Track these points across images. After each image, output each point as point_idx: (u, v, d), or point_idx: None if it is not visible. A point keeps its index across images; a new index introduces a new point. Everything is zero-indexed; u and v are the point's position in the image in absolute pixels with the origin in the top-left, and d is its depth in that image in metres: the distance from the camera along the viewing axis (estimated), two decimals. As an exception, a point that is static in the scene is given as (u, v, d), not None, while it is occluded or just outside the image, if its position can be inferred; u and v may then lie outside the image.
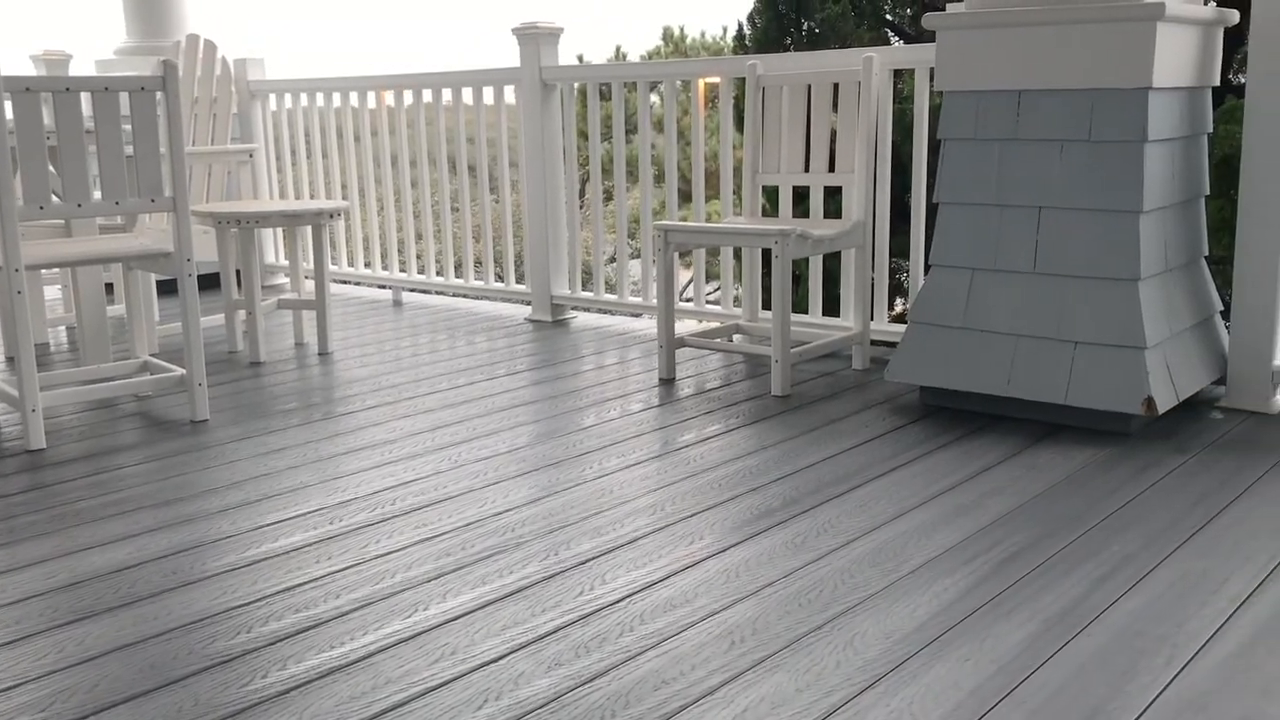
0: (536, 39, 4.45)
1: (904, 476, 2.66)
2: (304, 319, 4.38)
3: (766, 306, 4.08)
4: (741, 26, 5.81)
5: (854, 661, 1.80)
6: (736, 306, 4.21)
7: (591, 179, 4.70)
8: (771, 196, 4.26)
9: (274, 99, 5.55)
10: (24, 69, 4.99)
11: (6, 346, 3.97)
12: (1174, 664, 1.78)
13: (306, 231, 4.95)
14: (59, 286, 4.91)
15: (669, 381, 3.63)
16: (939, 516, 2.41)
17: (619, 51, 16.48)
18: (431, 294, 5.28)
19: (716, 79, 4.16)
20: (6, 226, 2.89)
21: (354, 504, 2.56)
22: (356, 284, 5.50)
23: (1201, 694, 1.69)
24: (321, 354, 4.12)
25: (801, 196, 3.98)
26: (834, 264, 4.39)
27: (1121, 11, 2.81)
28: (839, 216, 3.82)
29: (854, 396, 3.40)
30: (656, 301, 3.69)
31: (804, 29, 5.49)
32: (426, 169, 5.01)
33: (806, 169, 3.78)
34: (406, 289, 5.28)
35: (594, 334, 4.41)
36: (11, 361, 3.47)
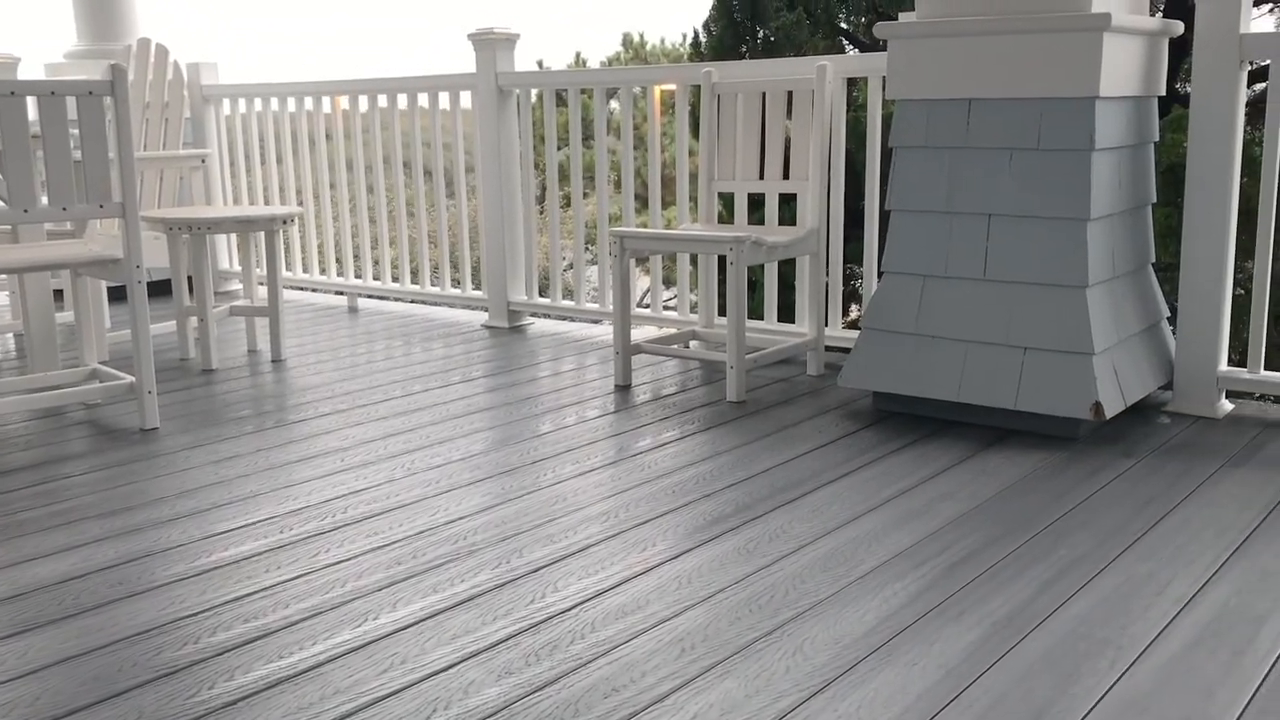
0: (493, 45, 4.45)
1: (856, 482, 2.68)
2: (257, 326, 4.35)
3: (723, 313, 4.10)
4: (697, 34, 5.83)
5: (803, 667, 1.81)
6: (693, 313, 4.22)
7: (549, 185, 4.69)
8: (729, 203, 4.27)
9: (227, 104, 5.50)
10: (-29, 72, 4.91)
11: (-48, 354, 3.90)
12: (1118, 666, 1.80)
13: (260, 237, 4.91)
14: (6, 293, 4.84)
15: (625, 388, 3.63)
16: (890, 521, 2.43)
17: (579, 58, 16.50)
18: (387, 300, 5.25)
19: (673, 86, 4.17)
20: (-50, 232, 2.84)
21: (305, 512, 2.54)
22: (314, 290, 5.46)
23: (1144, 695, 1.72)
24: (275, 361, 4.09)
25: (758, 203, 4.00)
26: (789, 270, 4.42)
27: (1068, 22, 2.85)
28: (794, 223, 3.84)
29: (808, 402, 3.42)
30: (612, 308, 3.70)
31: (759, 37, 5.52)
32: (382, 175, 4.99)
33: (761, 176, 3.80)
34: (362, 295, 5.25)
35: (551, 340, 4.41)
36: (-44, 369, 3.41)
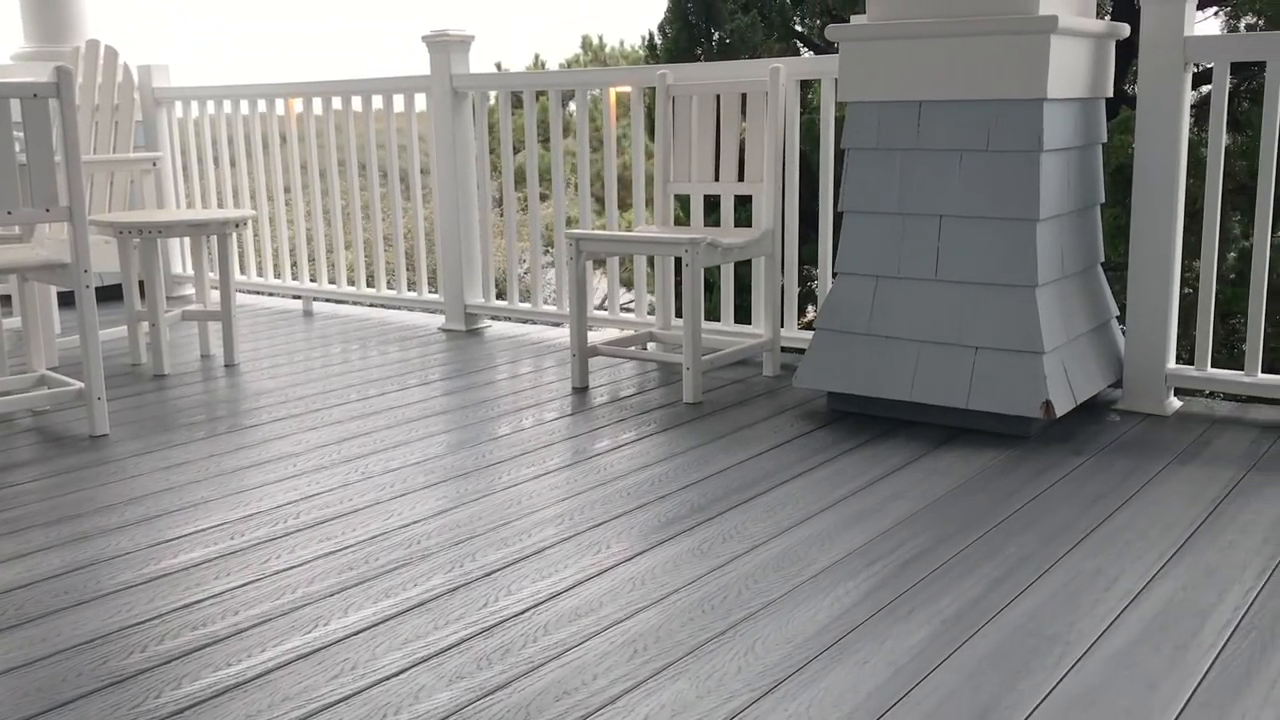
0: (447, 47, 4.43)
1: (809, 482, 2.70)
2: (210, 330, 4.30)
3: (680, 314, 4.10)
4: (653, 36, 5.84)
5: (755, 667, 1.82)
6: (651, 315, 4.22)
7: (505, 188, 4.68)
8: (686, 205, 4.28)
9: (180, 106, 5.44)
10: (-85, 74, 4.83)
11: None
12: (1065, 662, 1.82)
13: (213, 241, 4.86)
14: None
15: (582, 390, 3.63)
16: (842, 521, 2.44)
17: (538, 60, 16.46)
18: (343, 304, 5.22)
19: (628, 88, 4.18)
20: (-109, 237, 2.79)
21: (256, 518, 2.52)
22: (271, 294, 5.41)
23: (1090, 690, 1.74)
24: (228, 366, 4.05)
25: (715, 205, 4.01)
26: (746, 272, 4.43)
27: (1016, 24, 2.88)
28: (750, 225, 3.85)
29: (764, 403, 3.43)
30: (569, 310, 3.69)
31: (714, 39, 5.54)
32: (336, 178, 4.95)
33: (717, 178, 3.81)
34: (318, 299, 5.21)
35: (508, 343, 4.40)
36: (-100, 377, 3.35)
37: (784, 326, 3.90)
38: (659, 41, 5.75)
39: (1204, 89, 5.07)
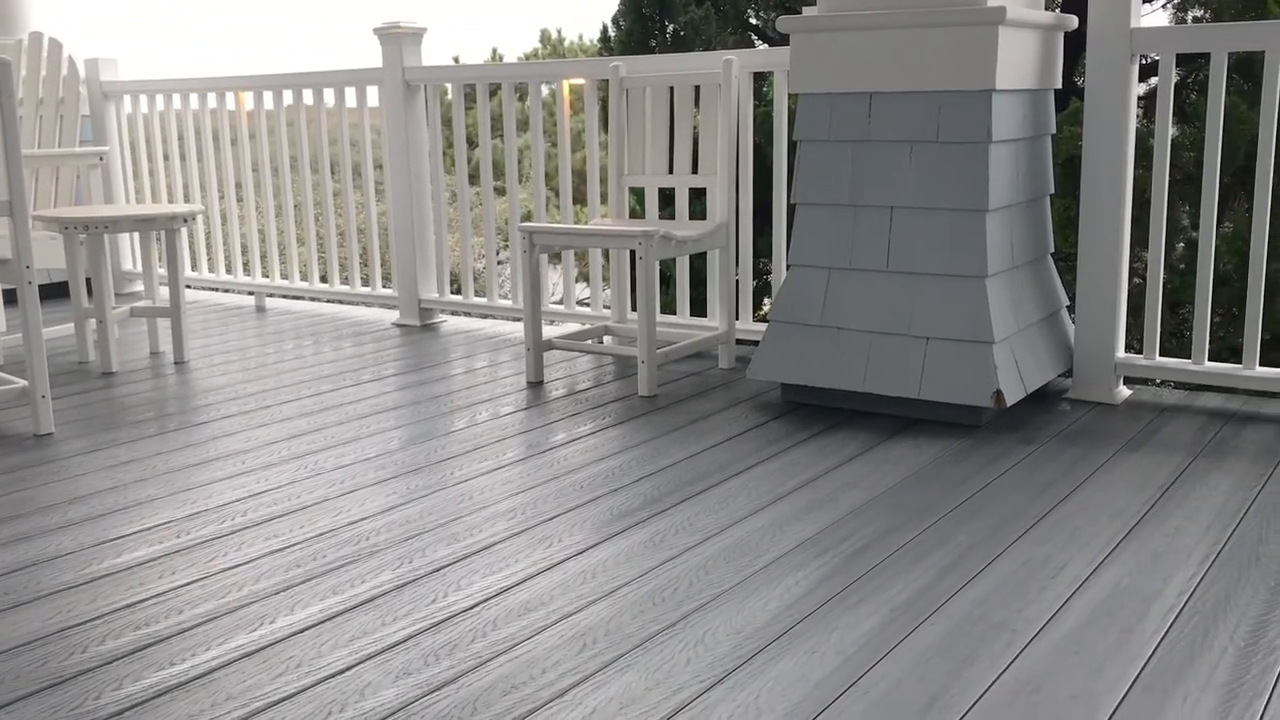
0: (399, 39, 4.39)
1: (762, 473, 2.70)
2: (160, 327, 4.24)
3: (636, 308, 4.09)
4: (606, 28, 5.81)
5: (704, 658, 1.81)
6: (607, 308, 4.21)
7: (459, 182, 4.65)
8: (642, 198, 4.27)
9: (128, 100, 5.36)
10: None
11: None
12: (1012, 648, 1.83)
13: (164, 237, 4.79)
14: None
15: (537, 384, 3.61)
16: (794, 511, 2.44)
17: (495, 54, 16.39)
18: (296, 300, 5.16)
19: (581, 80, 4.16)
20: None
21: (203, 516, 2.48)
22: (227, 291, 5.35)
23: (1036, 675, 1.75)
24: (178, 363, 4.00)
25: (670, 198, 4.00)
26: (701, 264, 4.43)
27: (965, 16, 2.89)
28: (705, 218, 3.85)
29: (719, 395, 3.43)
30: (523, 304, 3.67)
31: (668, 31, 5.52)
32: (288, 172, 4.90)
33: (671, 171, 3.80)
34: (271, 295, 5.15)
35: (463, 338, 4.37)
36: None
37: (739, 319, 3.90)
38: (613, 34, 5.73)
39: (1153, 80, 5.13)
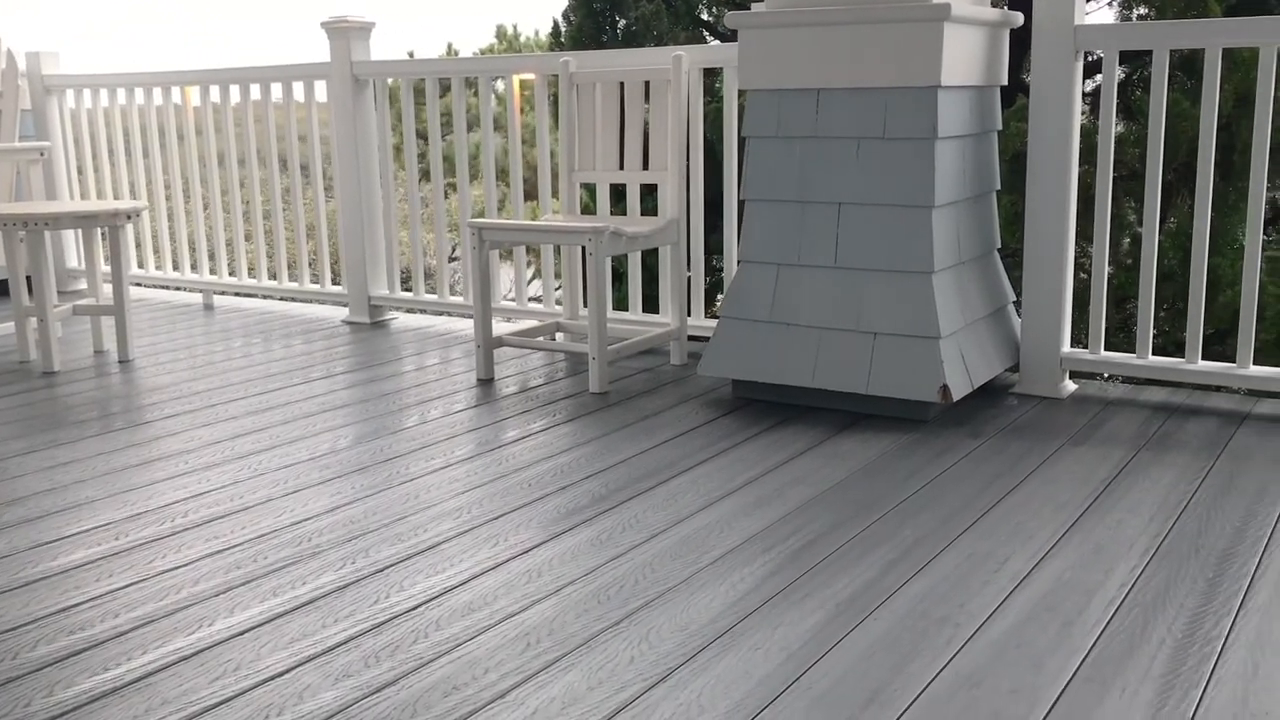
0: (347, 33, 4.35)
1: (711, 469, 2.69)
2: (104, 326, 4.17)
3: (588, 304, 4.08)
4: (557, 24, 5.79)
5: (648, 656, 1.81)
6: (559, 305, 4.19)
7: (409, 177, 4.61)
8: (595, 194, 4.25)
9: (72, 95, 5.27)
10: None
11: None
12: (954, 643, 1.84)
13: (109, 233, 4.71)
14: None
15: (487, 382, 3.59)
16: (742, 507, 2.44)
17: (450, 49, 16.29)
18: (245, 297, 5.10)
19: (531, 75, 4.14)
20: None
21: (143, 518, 2.44)
22: (174, 288, 5.27)
23: (977, 670, 1.75)
24: (122, 362, 3.93)
25: (623, 194, 3.99)
26: (654, 261, 4.42)
27: (910, 12, 2.90)
28: (657, 214, 3.84)
29: (670, 391, 3.43)
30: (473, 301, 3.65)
31: (619, 27, 5.51)
32: (236, 168, 4.84)
33: (622, 166, 3.79)
34: (218, 292, 5.09)
35: (414, 335, 4.33)
36: None
37: (691, 315, 3.90)
38: (564, 29, 5.70)
39: (1099, 77, 5.18)
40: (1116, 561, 2.14)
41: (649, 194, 4.34)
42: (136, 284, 5.30)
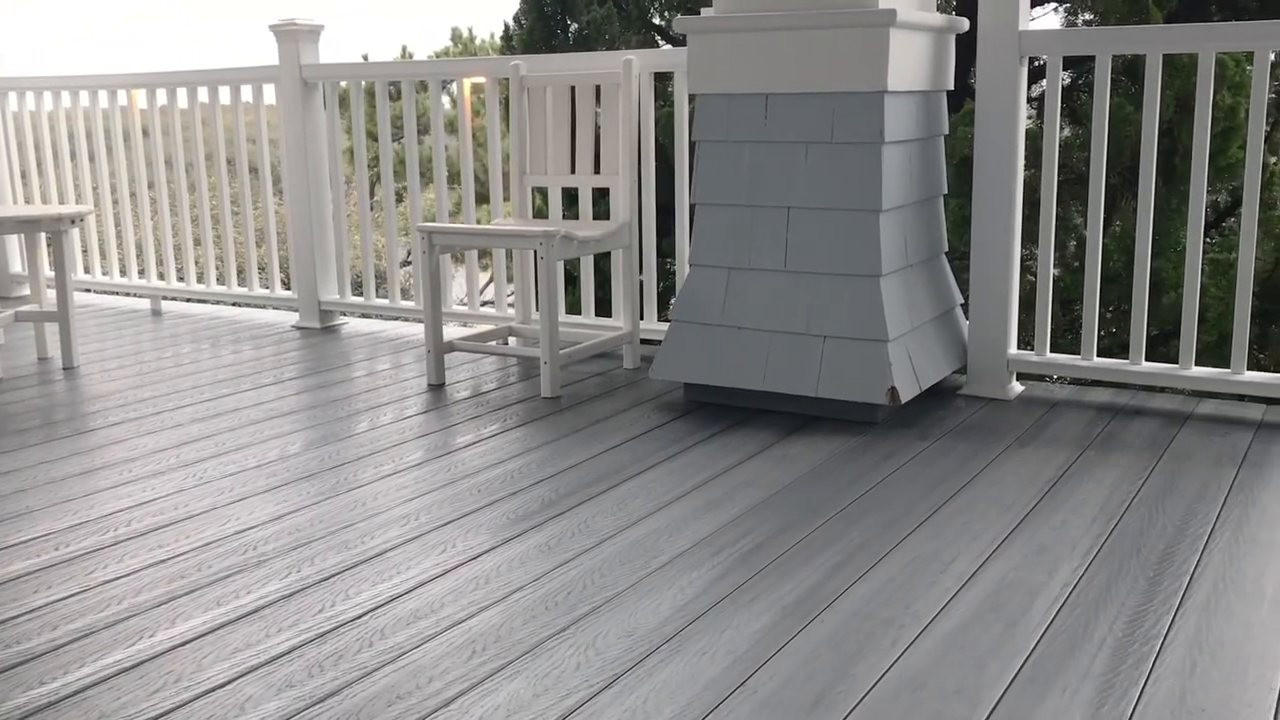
0: (296, 36, 4.31)
1: (661, 473, 2.69)
2: (48, 332, 4.11)
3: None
4: (508, 27, 5.78)
5: (594, 662, 1.80)
6: (512, 309, 4.18)
7: (359, 181, 4.58)
8: (547, 197, 4.25)
9: (14, 98, 5.18)
10: None
11: None
12: (899, 645, 1.85)
13: (51, 238, 4.64)
14: None
15: (438, 387, 3.57)
16: (691, 511, 2.44)
17: (405, 51, 16.20)
18: (194, 302, 5.04)
19: (482, 79, 4.12)
20: None
21: (84, 527, 2.41)
22: (122, 294, 5.20)
23: (921, 671, 1.77)
24: (66, 369, 3.87)
25: (576, 198, 3.99)
26: (607, 264, 4.42)
27: (856, 18, 2.92)
28: (610, 218, 3.84)
29: (623, 395, 3.43)
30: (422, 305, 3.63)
31: (570, 30, 5.51)
32: (183, 172, 4.78)
33: (573, 170, 3.79)
34: (166, 298, 5.02)
35: (365, 340, 4.30)
36: None
37: (644, 319, 3.90)
38: (515, 32, 5.69)
39: (1045, 82, 5.24)
40: (1060, 561, 2.17)
41: (601, 198, 4.34)
42: (84, 289, 5.22)
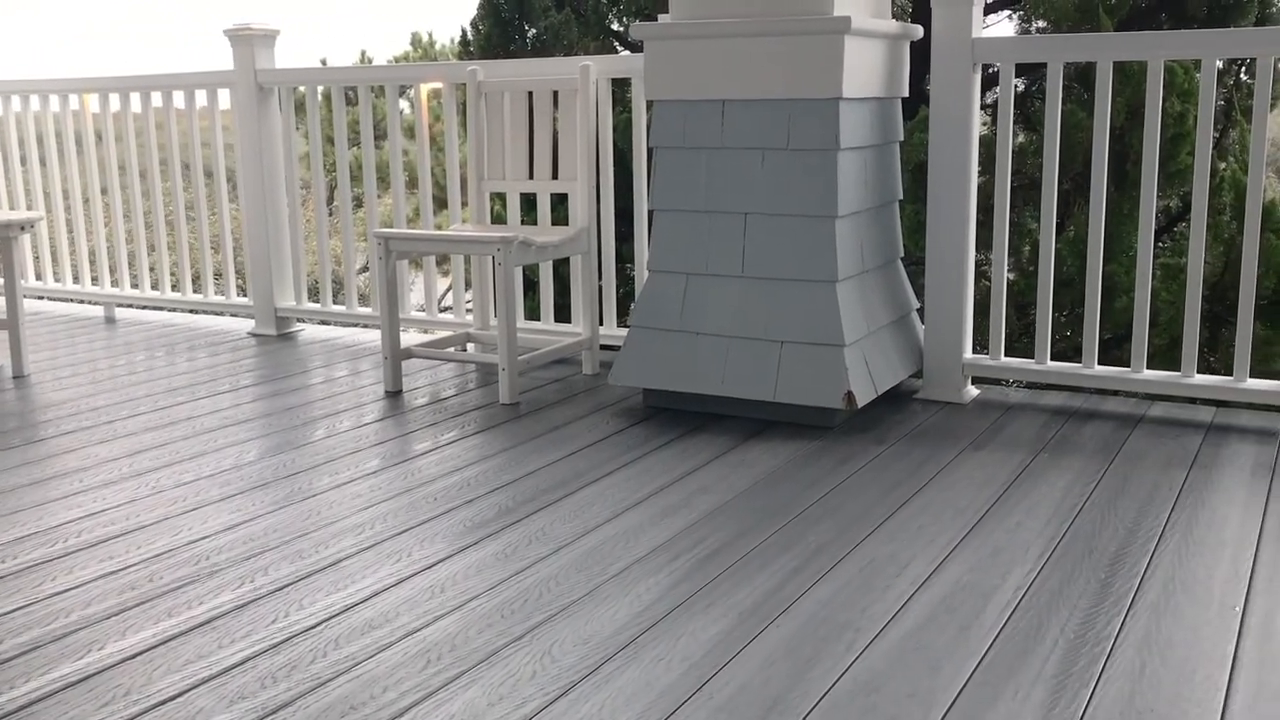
0: (250, 41, 4.27)
1: (620, 479, 2.69)
2: (-3, 340, 4.05)
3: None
4: (465, 32, 5.76)
5: (550, 671, 1.80)
6: (470, 315, 4.16)
7: (314, 186, 4.55)
8: (507, 203, 4.23)
9: (-37, 102, 5.10)
10: None
11: None
12: (854, 649, 1.86)
13: None
14: None
15: (396, 394, 3.55)
16: (649, 518, 2.44)
17: (364, 56, 16.12)
18: (149, 310, 4.98)
19: (439, 84, 4.11)
20: None
21: (33, 539, 2.37)
22: (77, 301, 5.13)
23: (876, 675, 1.78)
24: (16, 377, 3.81)
25: (535, 203, 3.98)
26: (566, 270, 4.41)
27: (812, 25, 2.94)
28: (569, 223, 3.84)
29: (581, 401, 3.42)
30: (379, 312, 3.60)
31: (529, 36, 5.50)
32: (137, 178, 4.72)
33: (531, 176, 3.78)
34: (121, 305, 4.96)
35: (322, 347, 4.27)
36: None
37: (604, 324, 3.90)
38: (472, 37, 5.67)
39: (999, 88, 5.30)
40: (1014, 564, 2.19)
41: (560, 203, 4.33)
42: (36, 297, 5.15)
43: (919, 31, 3.34)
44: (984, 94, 4.86)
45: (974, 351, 3.35)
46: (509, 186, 3.83)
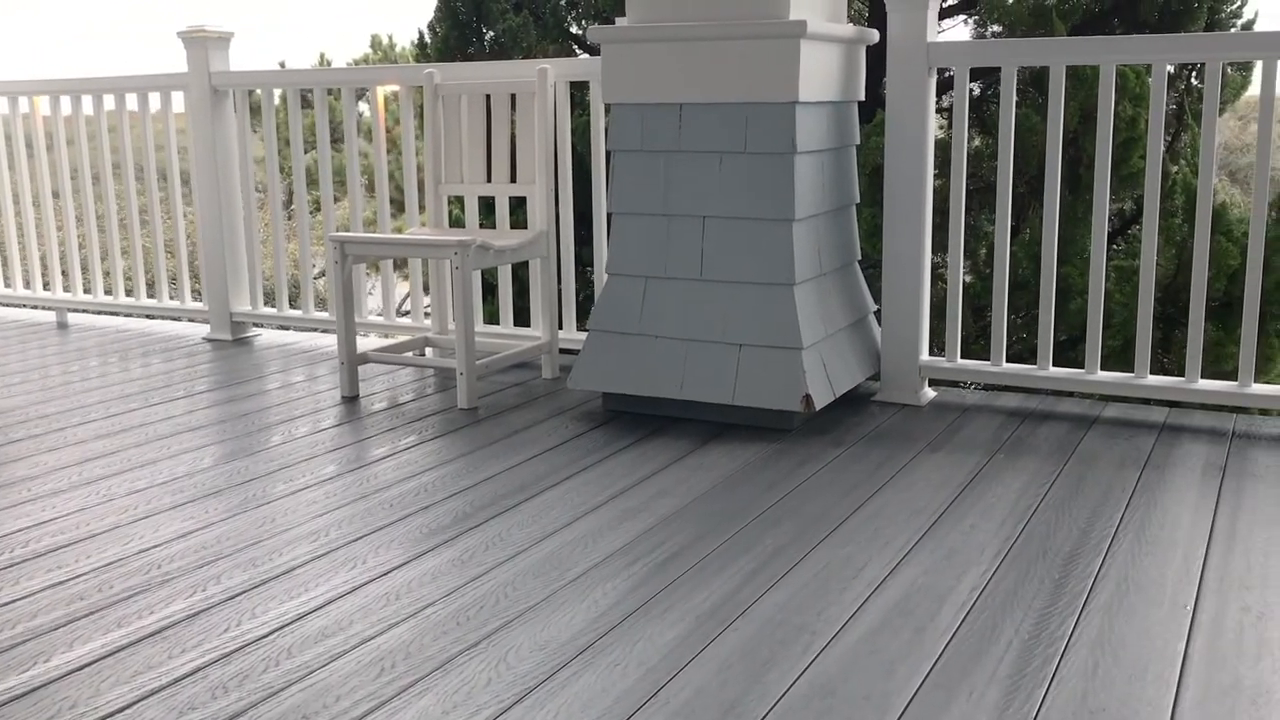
0: (205, 43, 4.23)
1: (577, 484, 2.68)
2: (-55, 346, 3.98)
3: (456, 318, 4.03)
4: (423, 35, 5.74)
5: (506, 677, 1.79)
6: (428, 319, 4.14)
7: (270, 190, 4.51)
8: (465, 206, 4.21)
9: (-90, 104, 5.01)
10: None
11: None
12: (810, 652, 1.86)
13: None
14: None
15: (352, 399, 3.52)
16: (606, 522, 2.44)
17: (323, 58, 16.00)
18: (103, 315, 4.92)
19: (396, 87, 4.08)
20: None
21: (-21, 550, 2.33)
22: (28, 306, 5.04)
23: (831, 679, 1.78)
24: (-36, 384, 3.75)
25: (494, 207, 3.96)
26: (526, 274, 4.39)
27: (768, 29, 2.95)
28: (528, 227, 3.82)
29: (541, 405, 3.41)
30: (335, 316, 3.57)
31: (487, 38, 5.48)
32: (89, 182, 4.66)
33: (489, 179, 3.76)
34: (73, 310, 4.89)
35: (278, 352, 4.23)
36: None
37: (563, 328, 3.89)
38: (429, 40, 5.64)
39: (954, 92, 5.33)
40: (969, 565, 2.20)
41: (519, 206, 4.32)
42: (-16, 302, 5.07)
43: (875, 36, 3.36)
44: (940, 98, 4.91)
45: (931, 354, 3.37)
46: (467, 190, 3.81)
